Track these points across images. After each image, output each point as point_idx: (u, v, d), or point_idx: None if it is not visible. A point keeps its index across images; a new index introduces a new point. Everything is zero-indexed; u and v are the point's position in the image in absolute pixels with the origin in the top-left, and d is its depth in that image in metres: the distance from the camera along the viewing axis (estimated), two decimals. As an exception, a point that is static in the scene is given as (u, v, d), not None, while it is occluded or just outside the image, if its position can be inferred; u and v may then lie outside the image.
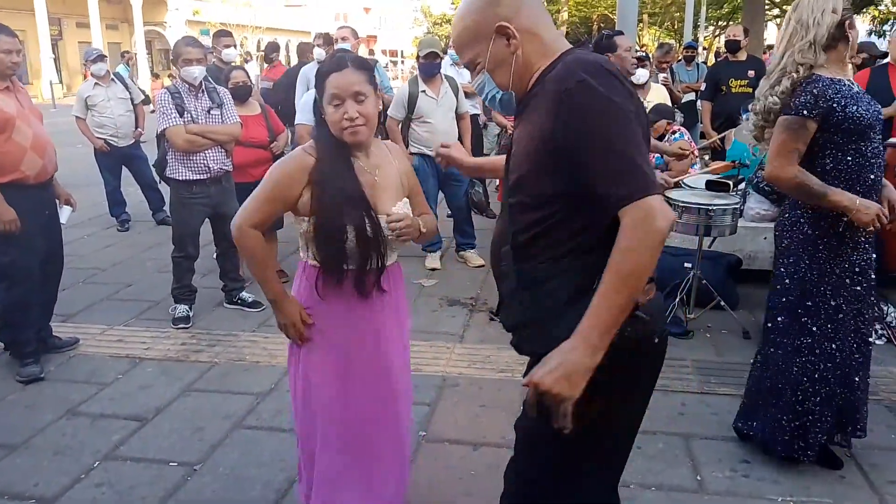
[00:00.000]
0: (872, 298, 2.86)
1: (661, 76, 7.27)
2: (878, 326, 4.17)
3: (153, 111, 10.82)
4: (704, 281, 4.31)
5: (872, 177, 2.64)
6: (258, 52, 32.05)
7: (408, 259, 5.73)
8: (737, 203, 4.03)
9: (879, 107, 2.70)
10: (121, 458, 3.04)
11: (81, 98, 6.78)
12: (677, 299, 4.22)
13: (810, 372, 2.81)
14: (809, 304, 2.77)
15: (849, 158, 2.63)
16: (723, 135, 6.25)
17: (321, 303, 2.20)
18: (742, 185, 4.40)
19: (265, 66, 9.24)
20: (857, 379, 2.84)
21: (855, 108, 2.57)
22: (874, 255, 2.82)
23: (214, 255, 5.13)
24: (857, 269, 2.74)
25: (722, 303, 4.33)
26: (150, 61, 34.00)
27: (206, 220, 4.62)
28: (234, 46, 6.37)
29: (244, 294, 4.84)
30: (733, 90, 6.48)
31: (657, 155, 5.19)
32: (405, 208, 2.24)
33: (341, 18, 43.64)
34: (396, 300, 2.35)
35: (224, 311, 4.81)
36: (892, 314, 4.24)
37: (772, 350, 2.91)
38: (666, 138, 5.00)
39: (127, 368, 3.92)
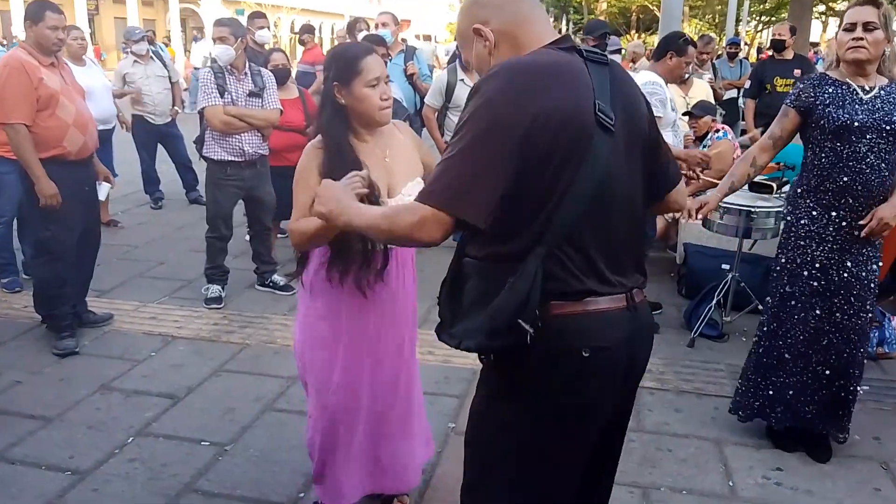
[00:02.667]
0: (854, 305, 2.89)
1: (707, 76, 7.13)
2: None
3: (186, 89, 10.90)
4: (743, 284, 4.25)
5: (846, 179, 2.77)
6: (292, 33, 32.14)
7: (439, 249, 5.72)
8: (780, 206, 3.94)
9: (889, 117, 2.72)
10: (153, 435, 3.07)
11: (119, 74, 6.84)
12: (714, 301, 4.16)
13: (760, 345, 3.10)
14: (774, 284, 3.04)
15: (823, 156, 2.81)
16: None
17: (332, 285, 2.23)
18: (786, 188, 4.31)
19: (300, 48, 9.21)
20: (791, 366, 2.98)
21: (835, 109, 2.74)
22: (866, 265, 2.86)
23: (247, 238, 5.17)
24: (816, 265, 2.88)
25: (759, 306, 4.26)
26: (183, 39, 34.25)
27: (240, 201, 4.64)
28: (268, 28, 6.36)
29: (276, 277, 4.87)
30: (778, 89, 6.34)
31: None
32: (418, 187, 2.25)
33: (376, 2, 43.56)
34: (406, 283, 2.38)
35: (256, 293, 4.84)
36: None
37: None
38: (709, 136, 4.92)
39: (160, 346, 3.96)
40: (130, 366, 3.71)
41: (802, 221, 2.89)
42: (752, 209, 3.88)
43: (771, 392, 3.04)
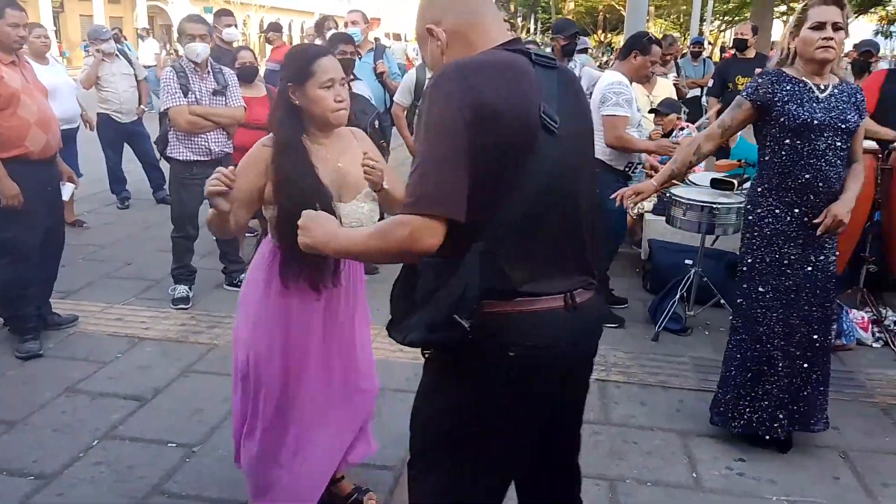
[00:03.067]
0: (820, 297, 2.93)
1: (671, 75, 7.25)
2: (875, 329, 4.19)
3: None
4: (706, 279, 4.32)
5: (808, 176, 2.80)
6: (261, 32, 31.80)
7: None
8: (741, 202, 4.02)
9: (844, 116, 2.77)
10: (120, 438, 3.05)
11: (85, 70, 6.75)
12: (677, 296, 4.23)
13: (742, 350, 3.05)
14: (745, 286, 3.02)
15: (783, 153, 2.82)
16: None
17: (278, 280, 2.24)
18: (748, 184, 4.39)
19: (268, 47, 9.14)
20: (781, 366, 2.98)
21: (795, 107, 2.76)
22: (827, 258, 2.92)
23: (214, 237, 5.12)
24: (786, 262, 2.90)
25: (722, 300, 4.34)
26: (152, 36, 33.72)
27: (205, 201, 4.61)
28: (235, 26, 6.32)
29: (244, 276, 4.83)
30: (740, 87, 6.45)
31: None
32: (372, 194, 2.28)
33: (345, 0, 43.30)
34: (354, 288, 2.40)
35: (224, 292, 4.81)
36: (892, 318, 4.26)
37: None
38: (674, 133, 4.99)
39: (126, 348, 3.92)
40: (96, 368, 3.67)
41: (767, 220, 2.90)
42: (715, 205, 3.96)
43: (766, 402, 3.00)
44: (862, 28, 29.14)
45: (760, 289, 2.96)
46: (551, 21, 33.29)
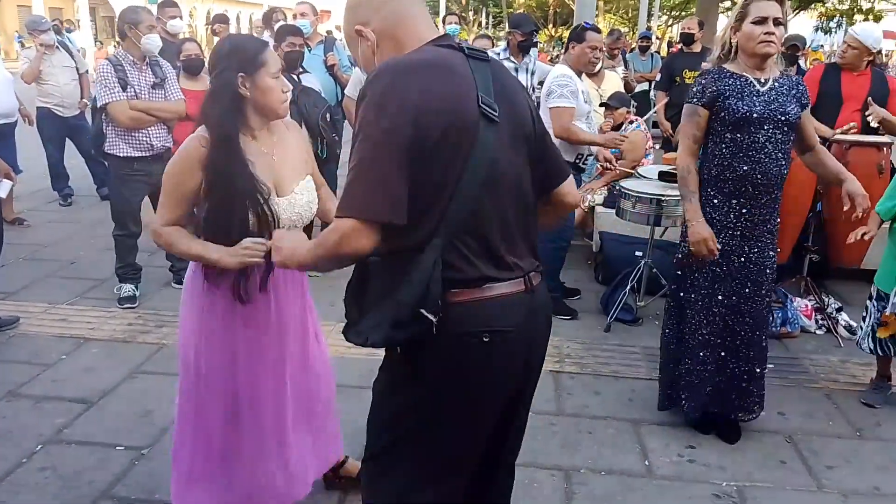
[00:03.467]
0: (751, 289, 2.99)
1: (620, 69, 7.34)
2: (818, 317, 4.32)
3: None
4: (655, 270, 4.40)
5: (746, 168, 2.84)
6: (206, 24, 31.23)
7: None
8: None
9: (783, 108, 2.82)
10: (65, 442, 2.96)
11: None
12: (628, 287, 4.29)
13: (669, 335, 3.17)
14: (678, 273, 3.10)
15: (723, 146, 2.88)
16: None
17: (212, 291, 2.18)
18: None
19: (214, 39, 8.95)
20: (700, 353, 3.05)
21: (735, 101, 2.81)
22: (763, 251, 2.96)
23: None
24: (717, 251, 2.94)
25: (671, 291, 4.42)
26: (93, 29, 32.81)
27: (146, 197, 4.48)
28: (181, 17, 6.18)
29: (193, 274, 4.74)
30: (687, 81, 6.57)
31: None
32: (309, 185, 2.26)
33: (294, -8, 42.71)
34: (287, 287, 2.31)
35: (172, 291, 4.69)
36: (834, 305, 4.39)
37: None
38: (623, 127, 5.05)
39: (71, 349, 3.81)
40: (39, 370, 3.55)
41: (705, 209, 2.95)
42: (663, 198, 4.02)
43: (700, 385, 3.06)
44: (802, 24, 29.99)
45: (691, 276, 3.04)
46: (503, 15, 33.45)
